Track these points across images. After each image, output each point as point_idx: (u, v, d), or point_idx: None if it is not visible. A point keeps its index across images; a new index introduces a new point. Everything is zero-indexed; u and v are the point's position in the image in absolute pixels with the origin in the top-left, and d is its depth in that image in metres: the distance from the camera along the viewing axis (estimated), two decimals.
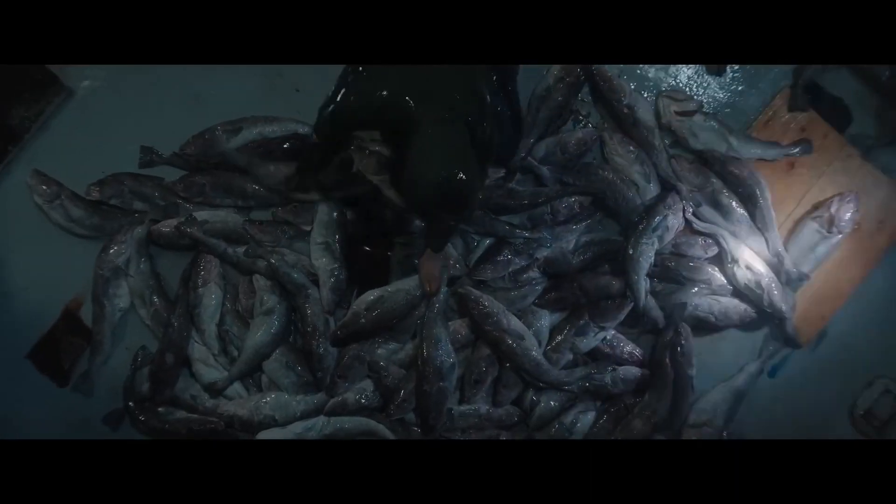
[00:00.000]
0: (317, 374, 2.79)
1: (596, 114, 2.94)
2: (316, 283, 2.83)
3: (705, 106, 2.91)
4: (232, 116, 2.90)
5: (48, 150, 2.93)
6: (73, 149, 2.94)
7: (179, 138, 2.93)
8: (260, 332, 2.79)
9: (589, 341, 2.81)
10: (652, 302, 2.81)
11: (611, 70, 2.87)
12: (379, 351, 2.80)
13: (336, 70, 2.34)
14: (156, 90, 2.95)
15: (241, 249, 2.86)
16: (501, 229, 2.81)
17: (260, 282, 2.86)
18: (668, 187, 2.88)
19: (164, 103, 2.95)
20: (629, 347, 2.86)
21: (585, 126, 2.91)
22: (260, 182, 2.84)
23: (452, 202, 2.02)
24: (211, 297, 2.84)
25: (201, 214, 2.89)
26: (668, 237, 2.83)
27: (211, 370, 2.83)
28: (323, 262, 2.82)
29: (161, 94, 2.95)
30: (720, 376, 2.91)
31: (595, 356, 2.86)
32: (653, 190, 2.87)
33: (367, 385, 2.81)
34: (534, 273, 2.81)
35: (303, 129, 2.90)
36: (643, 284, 2.78)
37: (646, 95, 2.93)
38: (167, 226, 2.87)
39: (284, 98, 2.93)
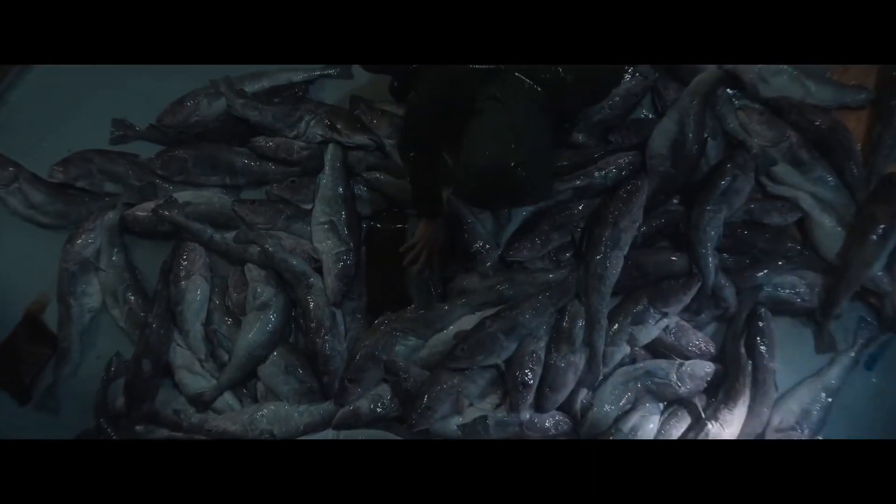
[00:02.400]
0: (323, 380, 2.43)
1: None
2: (319, 270, 2.51)
3: None
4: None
5: (3, 127, 2.71)
6: (32, 124, 2.73)
7: (156, 109, 2.69)
8: (254, 331, 2.45)
9: (649, 331, 2.43)
10: (723, 281, 2.44)
11: None
12: (397, 348, 2.43)
13: None
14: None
15: (230, 235, 2.56)
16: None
17: (253, 272, 2.53)
18: (735, 144, 2.54)
19: (139, 70, 2.65)
20: (697, 338, 2.46)
21: (635, 75, 2.61)
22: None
23: (502, 190, 1.83)
24: (195, 292, 2.52)
25: (183, 195, 2.63)
26: (739, 202, 2.47)
27: (197, 378, 2.49)
28: (327, 245, 2.52)
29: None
30: (807, 370, 2.49)
31: (656, 349, 2.49)
32: (718, 147, 2.54)
33: (384, 390, 2.44)
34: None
35: (297, 77, 2.69)
36: (712, 260, 2.42)
37: None
38: (143, 210, 2.60)
39: None
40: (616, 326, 2.43)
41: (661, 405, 2.48)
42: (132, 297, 2.56)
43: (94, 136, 2.70)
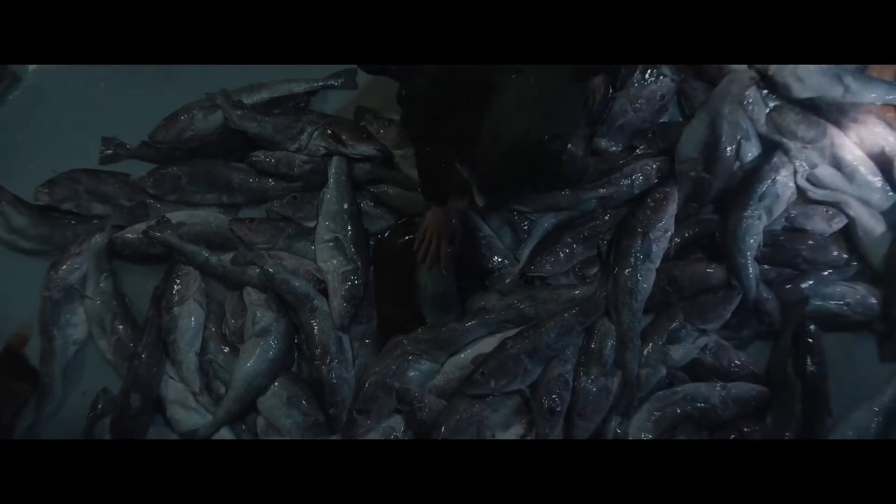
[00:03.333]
0: (329, 411, 2.24)
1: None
2: (324, 292, 2.35)
3: None
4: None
5: None
6: (16, 144, 2.60)
7: (148, 127, 2.55)
8: (253, 359, 2.26)
9: (686, 350, 2.24)
10: (765, 293, 2.27)
11: None
12: (410, 374, 2.24)
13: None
14: (120, 71, 2.62)
15: (227, 257, 2.40)
16: (565, 201, 2.34)
17: (252, 296, 2.36)
18: (771, 147, 2.39)
19: (131, 85, 2.60)
20: (740, 357, 2.28)
21: (659, 77, 2.48)
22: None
23: (536, 167, 1.77)
24: (189, 319, 2.34)
25: (176, 215, 2.48)
26: (779, 208, 2.32)
27: (190, 414, 2.30)
28: (333, 265, 2.36)
29: (127, 74, 2.61)
30: (863, 391, 2.29)
31: (695, 371, 2.30)
32: (752, 150, 2.39)
33: (396, 422, 2.25)
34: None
35: (298, 88, 2.57)
36: (752, 270, 2.26)
37: None
38: (134, 232, 2.45)
39: None
40: (650, 346, 2.25)
41: (704, 434, 2.29)
42: (120, 327, 2.38)
43: (82, 156, 2.55)
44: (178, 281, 2.39)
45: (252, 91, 2.57)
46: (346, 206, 2.40)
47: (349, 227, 2.38)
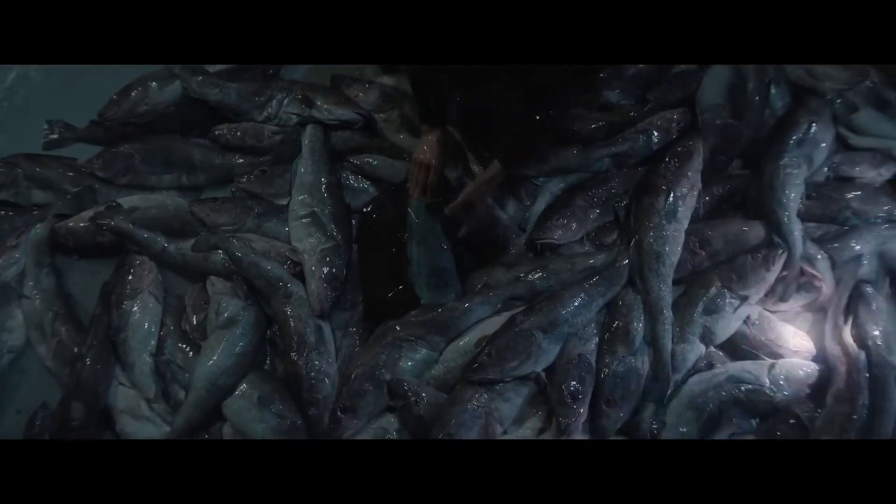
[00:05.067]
0: (308, 412, 1.93)
1: None
2: (300, 275, 2.07)
3: None
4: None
5: None
6: None
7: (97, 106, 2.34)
8: (217, 355, 1.96)
9: (727, 322, 1.96)
10: (813, 251, 2.02)
11: None
12: (403, 364, 1.94)
13: None
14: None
15: (187, 244, 2.13)
16: (574, 161, 2.10)
17: (216, 285, 2.08)
18: (803, 93, 2.19)
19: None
20: (789, 330, 2.02)
21: None
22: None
23: None
24: (144, 315, 2.05)
25: (129, 200, 2.22)
26: (820, 156, 2.09)
27: (143, 425, 1.97)
28: (310, 244, 2.08)
29: None
30: None
31: (737, 347, 2.01)
32: (783, 97, 2.18)
33: (388, 422, 1.93)
34: None
35: None
36: (797, 224, 2.02)
37: None
38: (79, 220, 2.17)
39: None
40: (685, 318, 1.96)
41: (755, 421, 1.99)
42: (63, 328, 2.08)
43: (22, 140, 2.30)
44: (131, 272, 2.11)
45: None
46: (322, 178, 2.15)
47: (327, 201, 2.12)
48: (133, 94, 2.28)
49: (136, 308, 2.07)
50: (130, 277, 2.11)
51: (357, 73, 2.31)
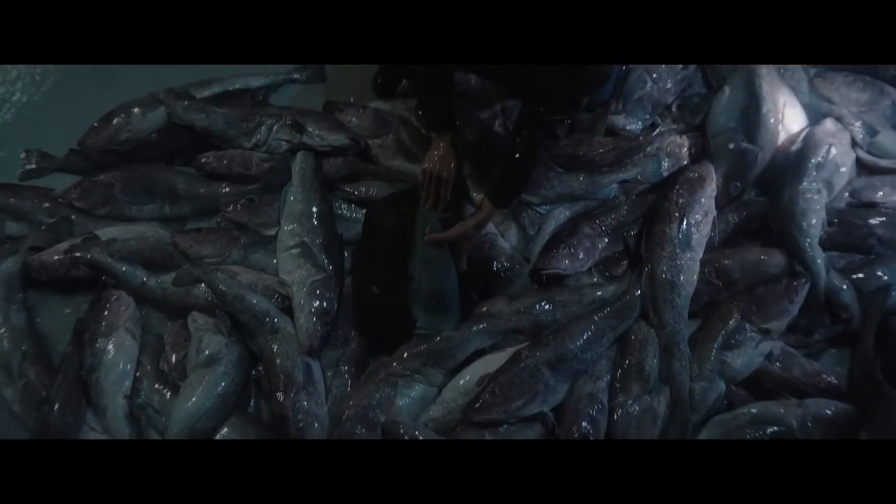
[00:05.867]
0: None
1: None
2: (288, 310, 1.94)
3: None
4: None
5: None
6: None
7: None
8: (196, 396, 1.82)
9: (748, 357, 1.83)
10: (838, 281, 1.89)
11: None
12: (398, 402, 1.80)
13: None
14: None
15: (168, 277, 2.01)
16: (580, 188, 2.02)
17: (198, 321, 1.96)
18: (818, 117, 2.09)
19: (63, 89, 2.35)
20: (813, 366, 1.88)
21: None
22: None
23: None
24: (118, 354, 1.91)
25: (107, 231, 2.11)
26: (840, 181, 2.00)
27: None
28: (299, 276, 1.96)
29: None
30: None
31: (760, 385, 1.87)
32: (797, 121, 2.08)
33: None
34: None
35: (256, 81, 2.27)
36: (819, 253, 1.90)
37: None
38: (54, 253, 2.06)
39: None
40: (703, 354, 1.84)
41: None
42: (31, 369, 1.94)
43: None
44: (107, 308, 1.98)
45: (201, 86, 2.27)
46: (313, 207, 2.04)
47: (318, 230, 2.01)
48: (115, 121, 2.19)
49: (110, 346, 1.93)
50: (106, 313, 1.98)
51: (350, 98, 2.23)
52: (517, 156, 1.81)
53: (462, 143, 1.98)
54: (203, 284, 2.00)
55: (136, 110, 2.20)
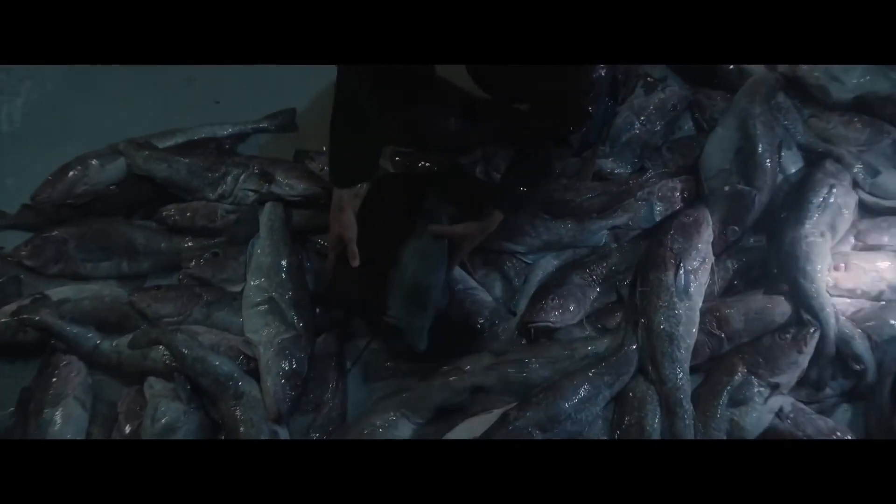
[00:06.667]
0: None
1: (674, 76, 2.21)
2: (255, 372, 1.80)
3: None
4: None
5: None
6: None
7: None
8: None
9: (757, 415, 1.68)
10: (849, 330, 1.76)
11: None
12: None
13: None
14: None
15: (124, 340, 1.87)
16: (568, 235, 1.91)
17: (155, 386, 1.79)
18: (815, 159, 2.00)
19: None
20: (827, 423, 1.72)
21: (666, 88, 2.14)
22: None
23: None
24: (66, 425, 1.75)
25: (59, 291, 1.97)
26: (843, 224, 1.88)
27: None
28: (267, 334, 1.82)
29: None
30: None
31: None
32: (794, 163, 2.00)
33: None
34: None
35: (222, 131, 2.16)
36: (828, 300, 1.79)
37: None
38: (0, 317, 1.90)
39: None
40: (708, 412, 1.70)
41: None
42: None
43: None
44: (55, 375, 1.82)
45: (164, 136, 2.15)
46: (282, 260, 1.91)
47: (287, 285, 1.88)
48: (71, 173, 2.06)
49: (57, 417, 1.77)
50: (54, 380, 1.82)
51: (322, 147, 2.11)
52: (528, 162, 1.74)
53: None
54: (161, 346, 1.84)
55: (93, 162, 2.08)
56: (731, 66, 2.17)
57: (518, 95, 1.82)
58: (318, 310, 1.94)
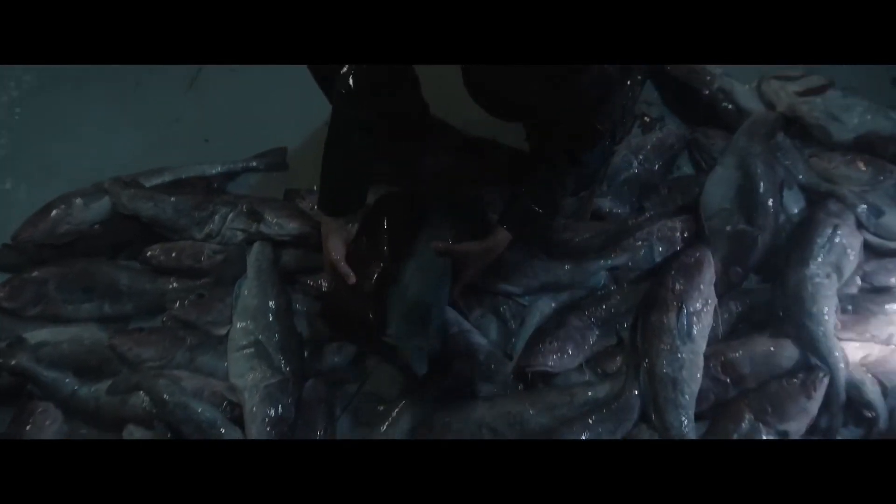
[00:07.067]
0: None
1: (672, 116, 2.19)
2: (239, 419, 1.72)
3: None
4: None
5: None
6: None
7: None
8: None
9: None
10: (859, 375, 1.70)
11: None
12: None
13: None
14: None
15: (103, 385, 1.79)
16: (566, 276, 1.85)
17: (135, 434, 1.71)
18: (817, 200, 1.97)
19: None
20: None
21: (663, 127, 2.12)
22: None
23: None
24: None
25: (37, 334, 1.89)
26: (849, 265, 1.83)
27: None
28: (252, 379, 1.74)
29: None
30: None
31: None
32: (796, 204, 1.96)
33: None
34: None
35: (211, 170, 2.10)
36: (836, 343, 1.72)
37: None
38: None
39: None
40: None
41: None
42: None
43: None
44: (30, 423, 1.75)
45: (151, 175, 2.10)
46: (270, 302, 1.84)
47: (275, 328, 1.81)
48: (53, 212, 2.00)
49: None
50: (28, 428, 1.74)
51: (314, 186, 2.07)
52: (538, 180, 1.70)
53: None
54: (142, 392, 1.76)
55: (77, 200, 2.02)
56: (730, 106, 2.13)
57: (524, 112, 1.75)
58: (306, 353, 1.88)
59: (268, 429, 1.68)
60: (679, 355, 1.69)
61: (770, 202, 1.88)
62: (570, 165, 1.68)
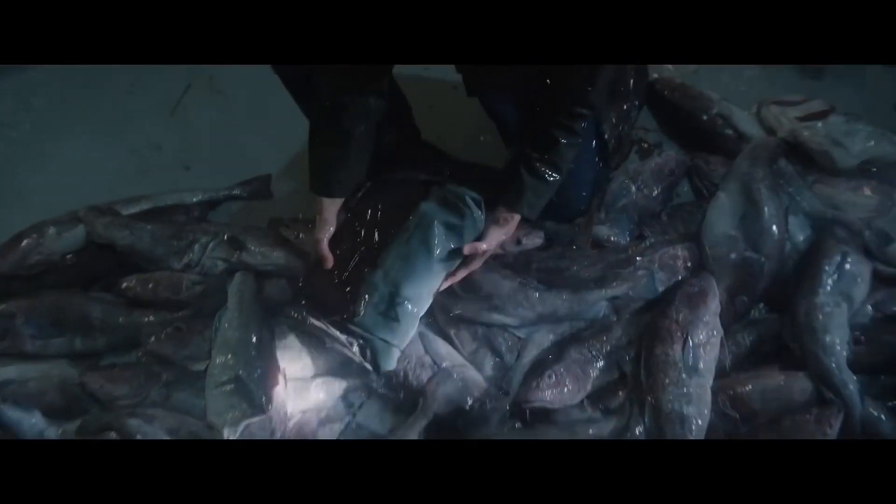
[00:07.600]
0: None
1: (670, 142, 2.14)
2: None
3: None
4: None
5: None
6: None
7: None
8: None
9: None
10: (874, 409, 1.60)
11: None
12: None
13: None
14: None
15: (73, 426, 1.69)
16: (565, 307, 1.76)
17: None
18: (823, 227, 1.89)
19: None
20: None
21: (662, 153, 2.08)
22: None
23: None
24: None
25: (3, 372, 1.80)
26: (860, 293, 1.74)
27: None
28: (232, 417, 1.63)
29: None
30: None
31: None
32: (802, 231, 1.88)
33: None
34: None
35: (191, 198, 2.03)
36: (850, 375, 1.63)
37: None
38: None
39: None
40: None
41: None
42: None
43: None
44: None
45: (129, 203, 2.02)
46: (251, 335, 1.73)
47: (257, 362, 1.70)
48: (24, 242, 1.92)
49: None
50: None
51: (299, 214, 1.99)
52: (534, 155, 1.65)
53: None
54: (114, 433, 1.67)
55: (50, 230, 1.93)
56: (730, 131, 2.08)
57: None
58: (290, 388, 1.79)
59: None
60: (685, 390, 1.60)
61: (775, 228, 1.81)
62: (565, 135, 1.63)
